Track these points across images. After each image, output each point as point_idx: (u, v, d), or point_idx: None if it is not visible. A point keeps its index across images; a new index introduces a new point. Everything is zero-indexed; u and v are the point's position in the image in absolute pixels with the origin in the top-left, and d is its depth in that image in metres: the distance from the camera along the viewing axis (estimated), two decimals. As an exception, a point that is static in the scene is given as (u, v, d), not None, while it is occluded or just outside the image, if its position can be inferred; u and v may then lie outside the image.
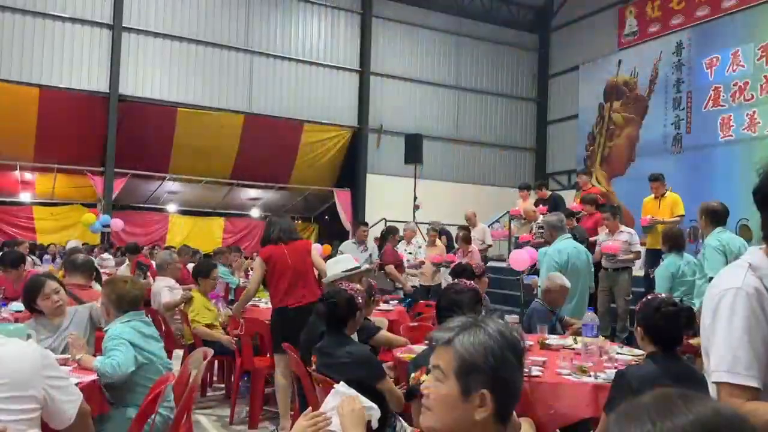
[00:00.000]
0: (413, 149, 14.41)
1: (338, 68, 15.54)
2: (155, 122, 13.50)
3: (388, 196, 14.99)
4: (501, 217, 11.83)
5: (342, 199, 15.77)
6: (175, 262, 5.95)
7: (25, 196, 15.11)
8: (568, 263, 5.09)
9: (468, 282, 3.22)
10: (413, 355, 3.26)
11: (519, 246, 8.00)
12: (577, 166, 16.22)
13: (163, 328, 5.58)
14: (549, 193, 8.79)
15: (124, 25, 13.07)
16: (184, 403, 3.03)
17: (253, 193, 16.92)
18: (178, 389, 3.30)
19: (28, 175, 14.46)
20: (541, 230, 7.60)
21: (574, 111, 16.77)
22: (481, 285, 4.63)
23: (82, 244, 12.86)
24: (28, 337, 2.96)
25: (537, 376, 2.94)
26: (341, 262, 4.37)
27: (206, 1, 14.03)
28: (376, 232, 11.74)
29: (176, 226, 16.40)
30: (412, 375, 2.65)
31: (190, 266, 7.90)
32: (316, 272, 4.74)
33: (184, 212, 17.11)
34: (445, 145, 16.77)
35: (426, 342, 3.21)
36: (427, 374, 2.57)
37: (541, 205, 8.67)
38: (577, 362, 3.18)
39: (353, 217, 15.53)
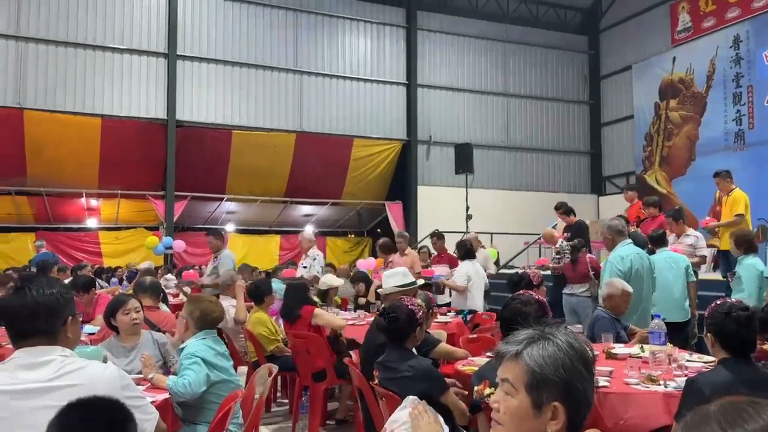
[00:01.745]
0: (463, 159, 14.36)
1: (385, 83, 15.69)
2: (211, 145, 13.93)
3: (439, 206, 14.96)
4: (555, 225, 11.60)
5: (394, 212, 15.83)
6: (240, 281, 6.10)
7: (91, 222, 15.81)
8: (631, 270, 4.95)
9: (532, 292, 3.18)
10: (474, 368, 3.24)
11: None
12: (635, 167, 15.82)
13: (227, 345, 5.74)
14: (575, 219, 8.53)
15: (178, 53, 13.58)
16: (251, 419, 3.10)
17: (306, 209, 17.18)
18: (245, 405, 3.39)
19: (93, 202, 15.13)
20: (558, 256, 7.59)
21: (629, 111, 16.38)
22: (540, 295, 4.56)
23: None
24: (105, 359, 3.10)
25: (604, 387, 2.88)
26: (395, 276, 4.38)
27: (256, 25, 14.43)
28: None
29: (234, 245, 16.74)
30: (476, 388, 2.64)
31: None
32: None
33: (241, 231, 17.52)
34: (495, 153, 16.63)
35: (487, 354, 3.20)
36: (491, 387, 2.58)
37: (564, 233, 8.45)
38: (646, 371, 3.10)
39: (406, 228, 15.56)
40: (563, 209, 8.29)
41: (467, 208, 13.85)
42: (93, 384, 2.01)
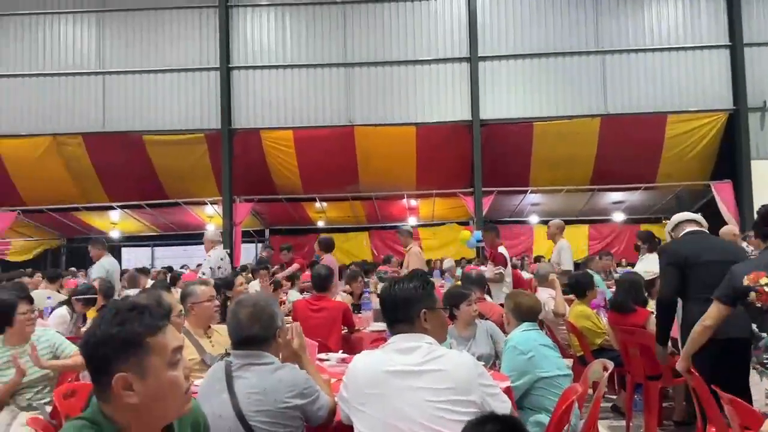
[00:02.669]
0: (814, 123, 11.96)
1: (702, 48, 13.94)
2: (514, 140, 14.18)
3: (783, 183, 12.71)
4: None
5: (722, 193, 13.95)
6: (552, 275, 6.13)
7: (411, 220, 17.54)
8: None
9: None
10: None
11: None
12: None
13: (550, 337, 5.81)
14: None
15: (479, 55, 14.15)
16: (591, 415, 3.09)
17: (615, 196, 16.28)
18: (578, 399, 3.40)
19: (413, 202, 16.73)
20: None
21: None
22: None
23: (460, 260, 14.27)
24: (450, 346, 3.43)
25: None
26: None
27: (553, 13, 14.21)
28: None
29: (541, 237, 16.79)
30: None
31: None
32: None
33: (546, 222, 17.41)
34: None
35: None
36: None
37: None
38: None
39: (738, 213, 13.61)
40: None
41: (822, 182, 11.49)
42: (454, 370, 2.24)
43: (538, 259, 13.13)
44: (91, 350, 1.42)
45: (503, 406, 2.28)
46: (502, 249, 7.97)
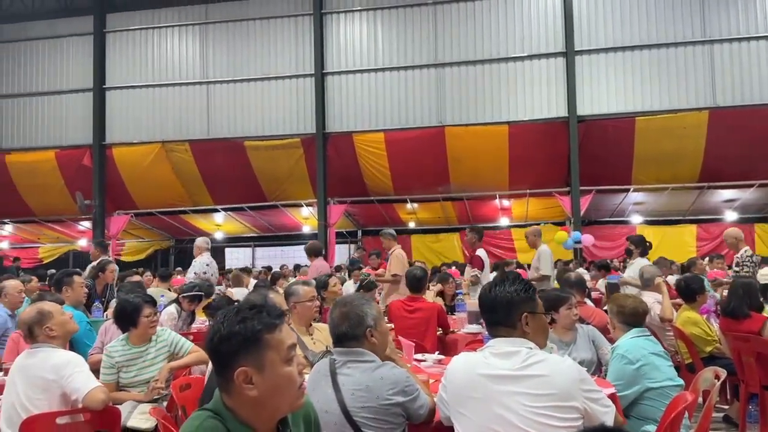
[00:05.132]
0: None
1: (824, 32, 12.83)
2: (613, 136, 13.63)
3: None
4: None
5: None
6: (659, 278, 5.85)
7: (503, 221, 17.28)
8: None
9: None
10: None
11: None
12: None
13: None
14: None
15: (575, 49, 13.70)
16: (701, 424, 2.95)
17: (727, 194, 15.25)
18: (687, 408, 3.24)
19: (505, 202, 16.45)
20: (738, 269, 6.55)
21: None
22: None
23: (556, 261, 13.87)
24: (551, 350, 3.37)
25: None
26: None
27: (656, 1, 13.54)
28: None
29: (646, 237, 16.02)
30: None
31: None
32: None
33: (650, 222, 16.65)
34: None
35: None
36: None
37: None
38: None
39: None
40: None
41: None
42: (556, 375, 2.20)
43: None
44: (216, 346, 1.54)
45: (606, 410, 2.22)
46: (480, 252, 7.88)
